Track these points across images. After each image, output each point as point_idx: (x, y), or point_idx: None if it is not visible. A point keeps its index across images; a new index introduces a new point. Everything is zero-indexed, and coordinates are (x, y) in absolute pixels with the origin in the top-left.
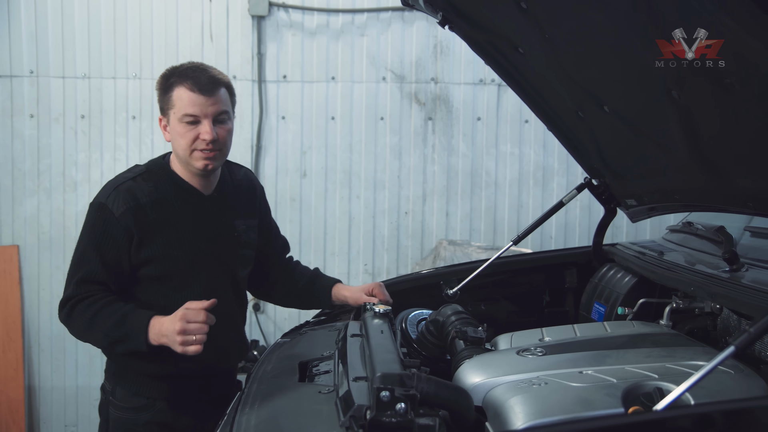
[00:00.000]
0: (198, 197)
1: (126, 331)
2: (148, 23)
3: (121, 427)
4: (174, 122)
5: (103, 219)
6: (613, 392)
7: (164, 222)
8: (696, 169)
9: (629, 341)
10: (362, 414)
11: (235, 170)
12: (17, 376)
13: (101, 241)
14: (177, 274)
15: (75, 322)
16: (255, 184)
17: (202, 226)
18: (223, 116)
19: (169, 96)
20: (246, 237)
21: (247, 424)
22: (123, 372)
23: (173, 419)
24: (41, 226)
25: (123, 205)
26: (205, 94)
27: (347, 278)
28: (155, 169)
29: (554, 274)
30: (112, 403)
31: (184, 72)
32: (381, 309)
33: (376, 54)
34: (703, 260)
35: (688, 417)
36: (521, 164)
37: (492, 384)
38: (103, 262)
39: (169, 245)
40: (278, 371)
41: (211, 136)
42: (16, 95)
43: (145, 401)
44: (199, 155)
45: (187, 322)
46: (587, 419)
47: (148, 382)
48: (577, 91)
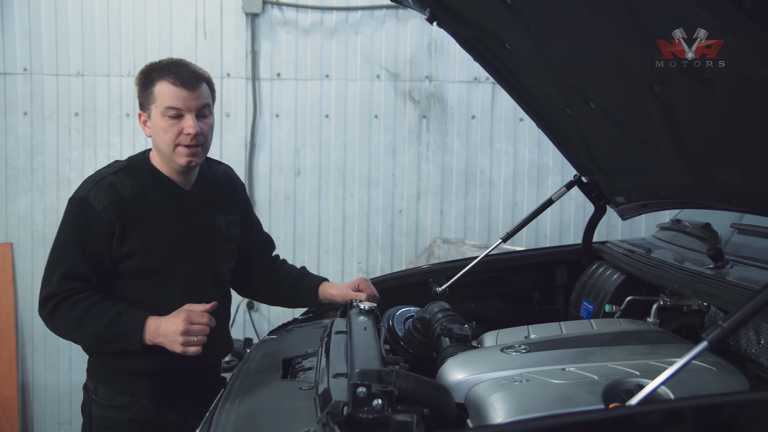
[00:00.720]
0: (178, 192)
1: (120, 331)
2: (141, 21)
3: (104, 425)
4: (156, 117)
5: (85, 213)
6: (594, 389)
7: (145, 216)
8: (680, 166)
9: (614, 338)
10: (339, 410)
11: (215, 166)
12: (11, 374)
13: (83, 235)
14: (159, 268)
15: (59, 321)
16: (235, 180)
17: (182, 221)
18: (204, 110)
19: (150, 91)
20: (228, 232)
21: (226, 421)
22: (105, 370)
23: (157, 416)
24: (35, 224)
25: (105, 199)
26: (188, 89)
27: (341, 276)
28: (136, 165)
29: (545, 272)
30: (95, 401)
31: (166, 67)
32: (366, 306)
33: (370, 52)
34: (690, 257)
35: (661, 412)
36: (516, 162)
37: (474, 381)
38: (85, 256)
39: (150, 239)
40: (261, 368)
41: (195, 130)
42: (10, 93)
43: (129, 399)
44: (183, 151)
45: (191, 323)
46: (564, 414)
47: (130, 379)
48: (564, 88)
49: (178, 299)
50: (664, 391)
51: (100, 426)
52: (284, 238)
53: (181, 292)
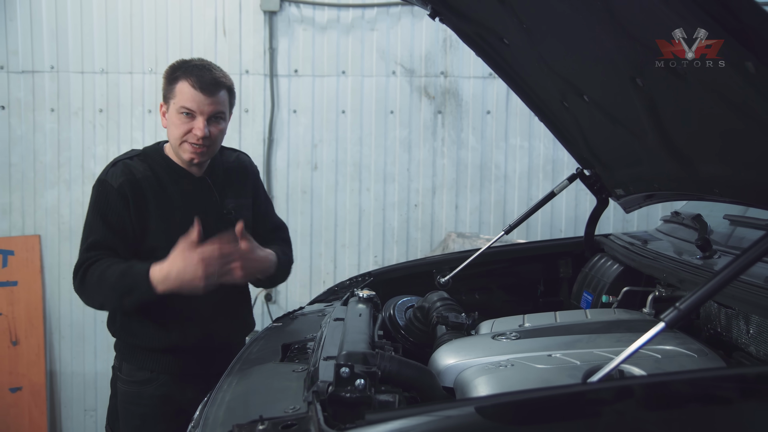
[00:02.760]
0: (189, 178)
1: (131, 281)
2: (163, 20)
3: (128, 400)
4: (172, 112)
5: (105, 192)
6: (574, 374)
7: (157, 198)
8: (666, 157)
9: (603, 327)
10: (324, 389)
11: (228, 154)
12: (39, 362)
13: (105, 210)
14: (169, 247)
15: (87, 287)
16: (247, 166)
17: (192, 205)
18: (218, 116)
19: (172, 87)
20: (238, 215)
21: (222, 400)
22: (128, 347)
23: (177, 392)
24: (61, 217)
25: (120, 177)
26: (205, 94)
27: (357, 269)
28: (150, 153)
29: (549, 264)
30: (120, 378)
31: (191, 68)
32: (365, 294)
33: (386, 48)
34: (683, 248)
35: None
36: (531, 157)
37: (464, 366)
38: (109, 227)
39: (161, 219)
40: (262, 352)
41: (202, 132)
42: (38, 90)
43: (149, 375)
44: (188, 148)
45: (207, 262)
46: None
47: (151, 355)
48: (559, 82)
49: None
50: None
51: (124, 401)
52: (301, 231)
53: None
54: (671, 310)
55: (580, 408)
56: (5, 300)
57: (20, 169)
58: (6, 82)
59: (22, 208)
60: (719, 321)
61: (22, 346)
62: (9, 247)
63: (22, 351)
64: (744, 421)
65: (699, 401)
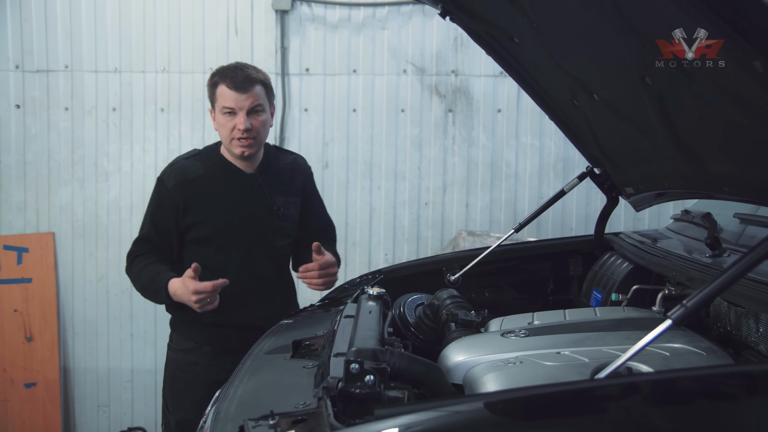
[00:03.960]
0: (240, 175)
1: (156, 287)
2: (175, 19)
3: (175, 366)
4: (218, 114)
5: (159, 192)
6: (582, 371)
7: (207, 194)
8: (676, 155)
9: (613, 325)
10: (334, 385)
11: (284, 156)
12: (53, 358)
13: (156, 210)
14: (215, 238)
15: (131, 274)
16: (300, 167)
17: (240, 199)
18: (257, 108)
19: (214, 91)
20: (285, 211)
21: (233, 395)
22: (177, 320)
23: (217, 363)
24: (75, 215)
25: (174, 180)
26: (240, 91)
27: (368, 267)
28: (207, 152)
29: (559, 262)
30: (170, 346)
31: (225, 72)
32: (375, 292)
33: (397, 47)
34: (693, 247)
35: (619, 386)
36: (541, 156)
37: (473, 363)
38: (156, 227)
39: (208, 213)
40: (273, 349)
41: (244, 125)
42: (52, 89)
43: (193, 344)
44: (237, 143)
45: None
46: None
47: (196, 328)
48: (568, 80)
49: (233, 266)
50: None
51: (171, 367)
52: None
53: (235, 261)
54: (678, 308)
55: (588, 404)
56: (20, 297)
57: (35, 167)
58: (21, 82)
59: (37, 206)
60: (729, 319)
61: (37, 342)
62: (23, 245)
63: (37, 347)
64: (751, 418)
65: (706, 398)
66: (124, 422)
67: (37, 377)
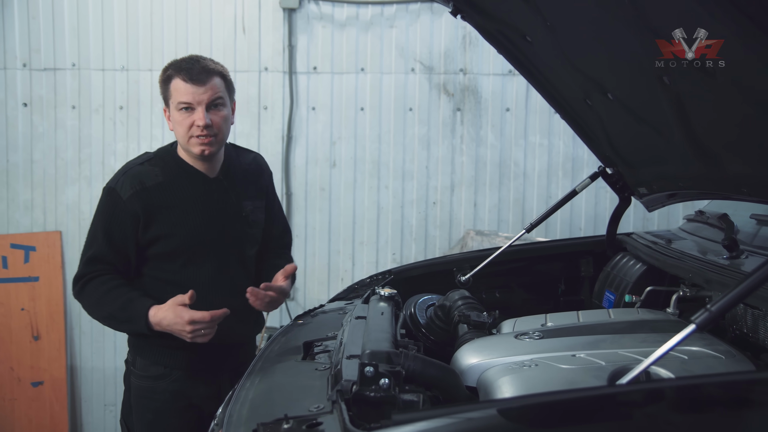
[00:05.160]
0: (203, 180)
1: (129, 315)
2: (183, 17)
3: (141, 395)
4: (173, 111)
5: (112, 203)
6: (599, 374)
7: (169, 203)
8: (692, 156)
9: (628, 327)
10: (348, 388)
11: (243, 154)
12: (60, 357)
13: (110, 224)
14: (182, 251)
15: (85, 300)
16: (263, 167)
17: (206, 207)
18: (216, 102)
19: (167, 87)
20: (254, 217)
21: (245, 398)
22: (142, 343)
23: (190, 388)
24: (82, 213)
25: (130, 189)
26: (197, 84)
27: (376, 267)
28: (163, 155)
29: (570, 263)
30: (134, 372)
31: (179, 65)
32: (386, 292)
33: (405, 45)
34: (709, 248)
35: (642, 392)
36: (550, 155)
37: (487, 365)
38: (111, 243)
39: (174, 225)
40: (284, 350)
41: (203, 121)
42: (59, 87)
43: (163, 370)
44: (196, 141)
45: (193, 328)
46: (544, 394)
47: (164, 351)
48: (582, 79)
49: (205, 280)
50: (668, 376)
51: (138, 396)
52: (320, 228)
53: (206, 274)
54: (702, 312)
55: (610, 410)
56: (27, 295)
57: (42, 166)
58: (28, 80)
59: (44, 205)
60: (745, 322)
61: (44, 341)
62: (31, 243)
63: (44, 346)
64: None
65: (732, 405)
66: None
67: (44, 376)
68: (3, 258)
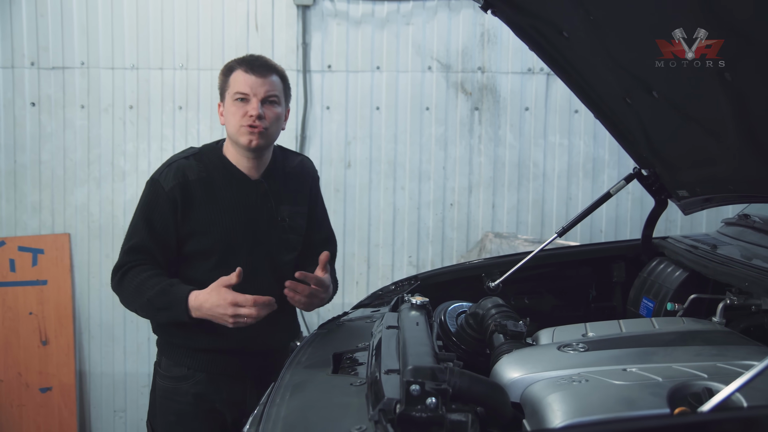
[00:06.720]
0: (243, 180)
1: (169, 300)
2: (194, 15)
3: (165, 395)
4: (228, 102)
5: (155, 193)
6: (658, 391)
7: (208, 200)
8: (749, 157)
9: (678, 339)
10: (392, 408)
11: (291, 158)
12: (69, 362)
13: (152, 213)
14: (216, 251)
15: (124, 289)
16: (309, 172)
17: (243, 208)
18: (272, 98)
19: (227, 79)
20: (292, 222)
21: (277, 416)
22: (167, 344)
23: (212, 392)
24: (91, 215)
25: (172, 180)
26: (257, 75)
27: (392, 270)
28: (207, 152)
29: (601, 268)
30: (159, 372)
31: (243, 58)
32: (418, 301)
33: (421, 43)
34: (759, 254)
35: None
36: (570, 155)
37: (531, 380)
38: (152, 233)
39: (209, 222)
40: (312, 362)
41: (256, 111)
42: (68, 86)
43: (186, 371)
44: (246, 130)
45: (237, 311)
46: (628, 419)
47: (189, 353)
48: (624, 77)
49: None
50: (736, 396)
51: (162, 396)
52: (335, 230)
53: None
54: None
55: None
56: (35, 299)
57: (50, 167)
58: (36, 79)
59: (52, 206)
60: None
61: (52, 345)
62: (39, 246)
63: (52, 351)
64: None
65: None
66: (141, 428)
67: (52, 381)
68: (11, 261)
